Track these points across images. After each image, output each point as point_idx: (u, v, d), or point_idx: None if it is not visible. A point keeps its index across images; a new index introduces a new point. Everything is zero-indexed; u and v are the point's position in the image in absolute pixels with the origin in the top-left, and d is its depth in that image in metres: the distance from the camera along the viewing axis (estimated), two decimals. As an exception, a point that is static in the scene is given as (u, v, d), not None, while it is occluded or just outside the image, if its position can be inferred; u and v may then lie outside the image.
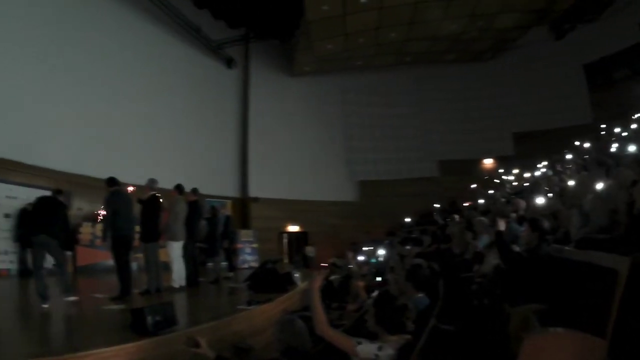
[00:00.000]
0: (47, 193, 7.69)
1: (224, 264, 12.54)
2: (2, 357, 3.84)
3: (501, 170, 20.76)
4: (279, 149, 22.42)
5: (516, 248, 5.66)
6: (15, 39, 12.92)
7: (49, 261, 6.85)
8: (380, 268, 9.89)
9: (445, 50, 21.54)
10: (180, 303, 7.44)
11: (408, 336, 3.58)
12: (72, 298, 6.47)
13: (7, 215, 11.61)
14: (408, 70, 23.44)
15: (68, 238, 9.05)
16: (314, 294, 3.55)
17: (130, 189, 9.75)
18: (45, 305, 6.11)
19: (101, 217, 12.12)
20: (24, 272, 11.21)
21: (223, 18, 21.58)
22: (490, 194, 16.99)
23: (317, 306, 3.48)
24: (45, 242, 6.69)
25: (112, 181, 7.88)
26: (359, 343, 3.22)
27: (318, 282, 3.65)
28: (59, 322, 5.65)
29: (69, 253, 10.53)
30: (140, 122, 17.04)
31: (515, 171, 18.56)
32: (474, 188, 19.31)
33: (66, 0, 14.81)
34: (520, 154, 21.60)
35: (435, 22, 18.05)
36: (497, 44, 21.16)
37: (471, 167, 22.80)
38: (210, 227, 11.62)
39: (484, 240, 7.44)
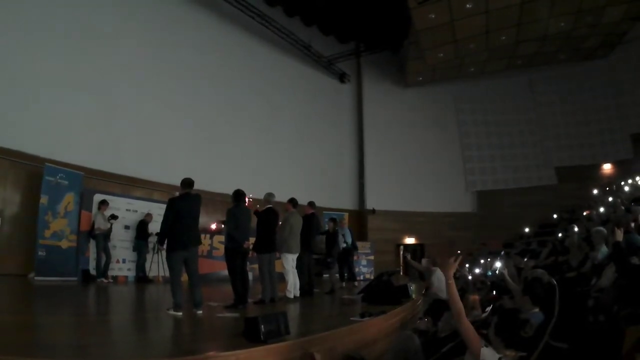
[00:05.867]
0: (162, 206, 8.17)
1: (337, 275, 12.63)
2: (119, 357, 4.11)
3: (619, 176, 19.20)
4: (395, 161, 22.38)
5: (636, 261, 5.20)
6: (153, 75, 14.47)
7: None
8: (496, 281, 9.53)
9: (556, 51, 20.40)
10: (294, 313, 7.57)
11: (523, 353, 3.44)
12: (200, 311, 6.69)
13: (126, 227, 12.71)
14: (521, 74, 22.50)
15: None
16: (450, 282, 3.43)
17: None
18: (180, 314, 6.34)
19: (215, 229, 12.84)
20: (141, 279, 12.35)
21: (332, 33, 22.01)
22: (610, 201, 15.75)
23: (454, 294, 3.35)
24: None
25: (237, 196, 8.17)
26: (486, 346, 3.13)
27: (453, 268, 3.52)
28: (175, 327, 5.93)
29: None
30: (259, 139, 17.93)
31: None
32: (595, 195, 18.08)
33: (178, 26, 16.04)
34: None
35: (543, 21, 17.25)
36: (608, 40, 19.64)
37: (590, 173, 21.17)
38: (330, 239, 11.76)
39: (603, 252, 6.96)
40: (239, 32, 18.07)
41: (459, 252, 3.61)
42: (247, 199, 8.88)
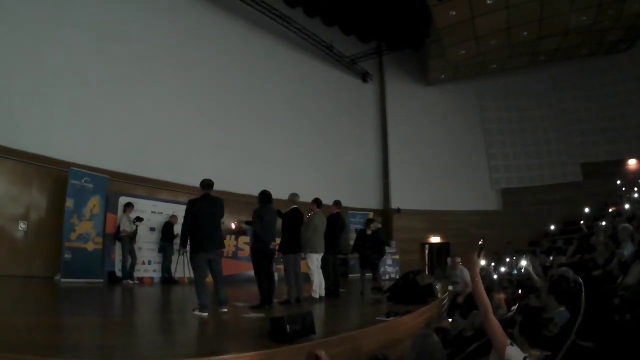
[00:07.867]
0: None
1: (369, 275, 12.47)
2: (145, 357, 4.11)
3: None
4: (420, 159, 22.17)
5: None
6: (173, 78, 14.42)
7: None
8: (521, 280, 9.37)
9: (578, 45, 19.92)
10: (320, 313, 7.53)
11: (548, 353, 3.35)
12: (224, 309, 6.73)
13: (152, 229, 12.83)
14: (543, 70, 22.07)
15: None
16: (476, 280, 3.33)
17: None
18: (205, 314, 6.36)
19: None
20: (166, 280, 12.42)
21: (353, 33, 21.85)
22: (636, 197, 15.28)
23: (481, 291, 3.27)
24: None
25: (263, 197, 8.16)
26: (511, 344, 3.04)
27: (478, 264, 3.41)
28: (200, 328, 5.93)
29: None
30: (283, 140, 17.94)
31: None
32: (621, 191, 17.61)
33: (203, 30, 16.17)
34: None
35: (564, 15, 16.89)
36: (630, 33, 19.10)
37: (615, 169, 20.42)
38: (361, 239, 11.64)
39: (629, 249, 6.79)
40: (260, 34, 18.10)
41: (480, 241, 3.49)
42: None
